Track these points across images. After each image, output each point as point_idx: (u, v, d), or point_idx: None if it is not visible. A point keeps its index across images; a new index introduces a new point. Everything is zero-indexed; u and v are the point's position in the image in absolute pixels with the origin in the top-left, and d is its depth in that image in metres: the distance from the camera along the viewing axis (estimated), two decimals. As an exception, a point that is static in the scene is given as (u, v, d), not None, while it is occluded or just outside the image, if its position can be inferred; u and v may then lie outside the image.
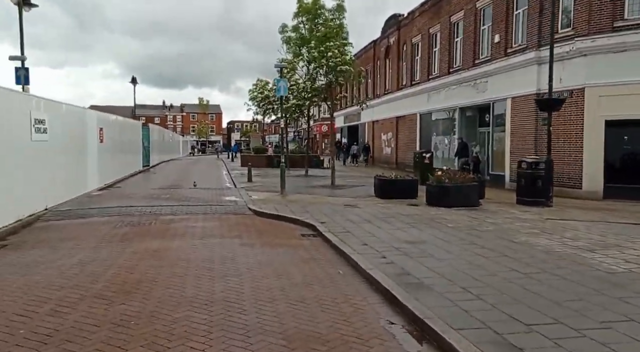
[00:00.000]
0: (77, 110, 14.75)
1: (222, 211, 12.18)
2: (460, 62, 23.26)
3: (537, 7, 17.23)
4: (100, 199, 14.23)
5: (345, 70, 16.18)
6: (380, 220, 10.39)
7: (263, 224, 10.50)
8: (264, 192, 15.91)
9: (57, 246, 8.22)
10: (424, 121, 27.85)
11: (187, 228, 9.92)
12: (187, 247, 8.20)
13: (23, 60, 13.42)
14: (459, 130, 23.37)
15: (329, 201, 13.74)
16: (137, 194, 15.45)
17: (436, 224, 9.86)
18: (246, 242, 8.61)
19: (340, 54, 16.27)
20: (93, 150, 16.32)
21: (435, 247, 7.70)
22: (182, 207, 12.65)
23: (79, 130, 14.83)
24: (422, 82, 27.30)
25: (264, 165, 31.10)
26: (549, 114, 12.42)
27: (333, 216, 10.91)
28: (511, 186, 18.68)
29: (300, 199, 14.01)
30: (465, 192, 12.28)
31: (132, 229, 9.81)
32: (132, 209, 12.08)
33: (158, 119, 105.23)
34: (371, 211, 11.62)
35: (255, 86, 37.41)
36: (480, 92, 21.15)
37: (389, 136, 34.02)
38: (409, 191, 14.05)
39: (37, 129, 11.18)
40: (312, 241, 8.83)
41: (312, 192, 15.84)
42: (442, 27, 24.89)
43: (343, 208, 12.21)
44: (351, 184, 18.44)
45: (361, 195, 15.08)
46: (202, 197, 14.80)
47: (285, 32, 22.76)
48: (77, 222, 10.61)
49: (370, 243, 8.09)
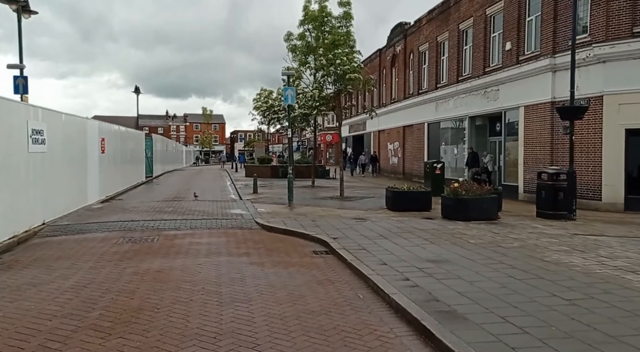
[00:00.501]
0: (78, 120, 14.25)
1: (228, 226, 11.60)
2: (469, 70, 22.76)
3: (552, 13, 16.73)
4: (101, 212, 13.68)
5: (354, 78, 15.66)
6: (396, 235, 9.79)
7: (272, 240, 9.91)
8: (270, 205, 15.33)
9: (52, 266, 7.65)
10: (431, 130, 27.30)
11: (192, 245, 9.34)
12: (192, 266, 7.61)
13: (22, 68, 12.95)
14: (469, 140, 22.79)
15: (339, 213, 13.15)
16: (140, 207, 14.90)
17: (457, 240, 9.25)
18: (255, 261, 8.02)
19: (348, 61, 15.77)
20: (94, 161, 15.80)
21: (461, 268, 7.09)
22: (186, 221, 12.07)
23: (80, 141, 14.32)
24: (429, 91, 26.80)
25: (268, 175, 30.55)
26: (571, 123, 11.85)
27: (345, 231, 10.32)
28: (525, 197, 18.09)
29: (309, 212, 13.42)
30: (483, 205, 11.68)
31: (134, 246, 9.23)
32: (133, 224, 11.51)
33: (161, 129, 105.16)
34: (385, 225, 11.02)
35: (259, 96, 37.12)
36: (491, 100, 20.61)
37: (396, 146, 33.48)
38: (422, 203, 13.46)
39: (35, 140, 10.66)
40: (325, 259, 8.23)
41: (321, 204, 15.25)
42: (450, 35, 24.43)
43: (355, 222, 11.62)
44: (360, 196, 17.84)
45: (372, 207, 14.49)
46: (206, 210, 14.23)
47: (290, 40, 22.32)
48: (75, 238, 10.05)
49: (389, 262, 7.48)
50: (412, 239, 9.35)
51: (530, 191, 17.82)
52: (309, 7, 21.64)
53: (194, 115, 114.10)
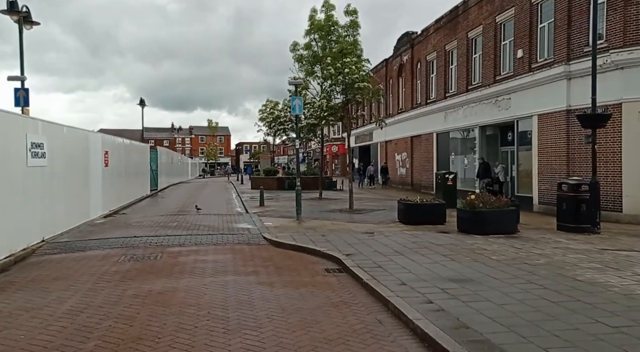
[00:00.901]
0: (80, 132, 13.87)
1: (234, 241, 11.11)
2: (479, 79, 22.30)
3: (565, 19, 16.28)
4: (103, 228, 13.22)
5: (363, 87, 15.23)
6: (412, 251, 9.26)
7: (281, 257, 9.39)
8: (278, 218, 14.83)
9: (48, 288, 7.17)
10: (441, 140, 26.79)
11: (197, 262, 8.84)
12: (197, 287, 7.11)
13: (22, 80, 12.61)
14: (480, 150, 22.26)
15: (350, 227, 12.63)
16: (143, 221, 14.44)
17: (478, 256, 8.70)
18: (264, 281, 7.51)
19: (357, 70, 15.35)
20: (97, 175, 15.40)
21: (487, 288, 6.54)
22: (191, 236, 11.59)
23: (82, 154, 13.93)
24: (438, 101, 26.34)
25: (275, 187, 30.10)
26: (593, 131, 11.31)
27: (358, 246, 9.80)
28: (540, 208, 17.50)
29: (319, 226, 12.91)
30: (502, 218, 11.13)
31: (135, 264, 8.75)
32: (136, 240, 11.04)
33: (167, 141, 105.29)
34: (400, 240, 10.48)
35: (265, 107, 36.81)
36: (502, 109, 20.11)
37: (404, 156, 32.97)
38: (436, 216, 12.92)
39: (34, 154, 10.26)
40: (339, 279, 7.71)
41: (330, 218, 14.73)
42: (459, 44, 24.03)
43: (367, 236, 11.09)
44: (370, 208, 17.32)
45: (384, 220, 13.95)
46: (212, 224, 13.75)
47: (296, 50, 21.98)
48: (75, 256, 9.57)
49: (409, 282, 6.95)
50: (430, 256, 8.81)
51: (546, 202, 17.25)
52: (314, 16, 21.34)
53: (199, 128, 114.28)
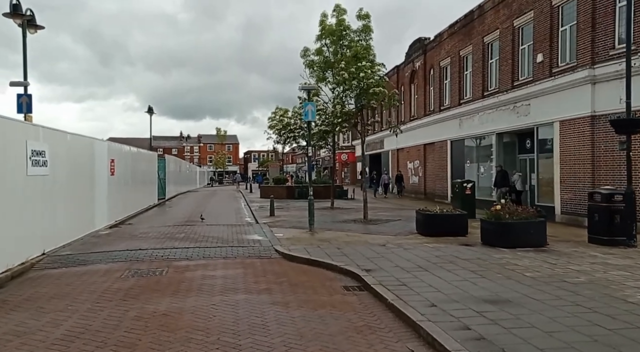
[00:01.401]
0: (84, 140, 13.37)
1: (244, 254, 10.47)
2: (496, 85, 21.62)
3: (589, 21, 15.60)
4: (108, 239, 12.65)
5: (378, 93, 14.62)
6: (437, 266, 8.57)
7: (295, 272, 8.75)
8: (289, 229, 14.19)
9: (44, 308, 6.58)
10: (455, 148, 26.07)
11: (205, 279, 8.22)
12: (205, 308, 6.48)
13: (25, 86, 12.13)
14: (497, 158, 21.53)
15: (366, 239, 11.96)
16: (149, 232, 13.86)
17: (510, 273, 8.00)
18: (278, 300, 6.86)
19: (372, 74, 14.76)
20: (102, 184, 14.88)
21: (529, 311, 5.85)
22: (198, 249, 10.97)
23: (87, 163, 13.42)
24: (452, 107, 25.67)
25: (284, 196, 29.50)
26: (628, 137, 10.59)
27: (378, 261, 9.13)
28: (563, 219, 16.72)
29: (333, 238, 12.25)
30: (530, 230, 10.41)
31: (139, 280, 8.14)
32: (141, 253, 10.44)
33: (176, 150, 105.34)
34: (421, 254, 9.80)
35: (274, 114, 36.26)
36: (521, 115, 19.39)
37: (416, 164, 32.26)
38: (457, 227, 12.22)
39: (35, 162, 9.73)
40: (360, 298, 7.04)
41: (344, 229, 14.07)
42: (474, 49, 23.39)
43: (385, 249, 10.41)
44: (385, 218, 16.61)
45: (401, 232, 13.27)
46: (221, 236, 13.13)
47: (307, 56, 21.44)
48: (76, 270, 8.99)
49: (439, 303, 6.28)
50: (457, 272, 8.12)
51: (569, 212, 16.48)
52: (325, 21, 20.81)
53: (207, 136, 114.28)
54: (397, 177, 32.36)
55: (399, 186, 31.91)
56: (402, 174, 32.60)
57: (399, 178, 32.23)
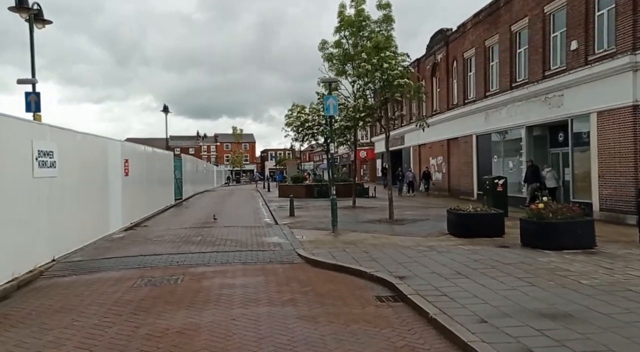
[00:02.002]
0: (96, 139, 12.80)
1: (265, 259, 9.76)
2: (525, 75, 20.55)
3: (630, 4, 14.47)
4: (122, 244, 12.06)
5: (403, 84, 13.77)
6: (478, 273, 7.74)
7: (321, 280, 8.00)
8: (311, 231, 13.45)
9: (47, 324, 5.95)
10: (481, 143, 25.03)
11: (223, 288, 7.53)
12: (224, 324, 5.78)
13: (33, 83, 11.62)
14: (527, 152, 20.48)
15: (394, 241, 11.14)
16: (165, 235, 13.25)
17: (563, 280, 7.12)
18: (305, 314, 6.12)
19: (396, 65, 13.90)
20: (116, 185, 14.34)
21: (600, 329, 5.00)
22: (216, 254, 10.29)
23: (99, 163, 12.87)
24: (478, 100, 24.62)
25: (303, 195, 28.80)
26: (686, 127, 9.58)
27: (411, 266, 8.33)
28: (602, 215, 15.65)
29: (359, 240, 11.48)
30: (576, 230, 9.49)
31: (153, 290, 7.48)
32: (155, 259, 9.80)
33: (192, 149, 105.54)
34: (458, 257, 8.96)
35: (291, 112, 35.62)
36: (553, 107, 18.33)
37: (439, 161, 31.26)
38: (493, 227, 11.33)
39: (42, 163, 9.16)
40: (396, 310, 6.26)
41: (369, 230, 13.27)
42: (501, 38, 22.31)
43: (417, 253, 9.60)
44: (412, 218, 15.75)
45: (431, 232, 12.42)
46: (239, 238, 12.45)
47: (325, 49, 20.65)
48: (86, 279, 8.39)
49: (489, 317, 5.46)
50: (502, 279, 7.28)
51: (609, 209, 15.43)
52: (344, 12, 20.00)
53: (224, 135, 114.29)
54: (424, 174, 31.10)
55: (426, 184, 30.70)
56: (429, 171, 31.37)
57: (426, 175, 30.99)
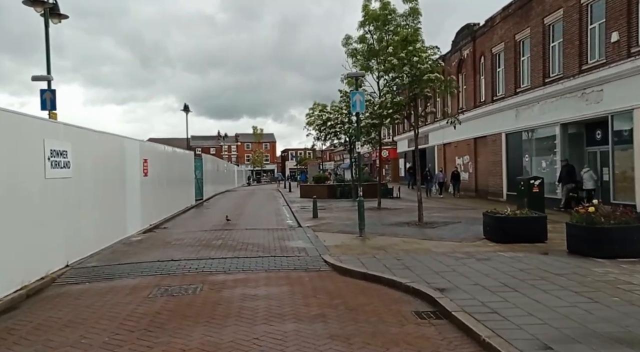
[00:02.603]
0: (113, 139, 12.33)
1: (290, 266, 9.09)
2: (559, 70, 19.49)
3: (679, -10, 13.45)
4: (139, 247, 11.53)
5: (433, 79, 12.97)
6: (527, 285, 6.95)
7: (351, 291, 7.30)
8: (336, 234, 12.76)
9: (53, 341, 5.39)
10: (511, 141, 24.00)
11: (245, 299, 6.89)
12: (246, 344, 5.13)
13: (49, 80, 11.19)
14: (562, 151, 19.43)
15: (427, 247, 10.37)
16: (184, 239, 12.70)
17: (629, 296, 6.28)
18: (337, 333, 5.43)
19: (426, 58, 13.11)
20: (134, 185, 13.87)
21: (693, 362, 4.20)
22: (237, 260, 9.66)
23: (116, 163, 12.40)
24: (507, 97, 23.59)
25: (325, 196, 28.11)
26: None
27: (450, 276, 7.57)
28: (647, 218, 14.62)
29: (388, 245, 10.74)
30: (633, 237, 8.59)
31: (169, 301, 6.89)
32: (173, 265, 9.22)
33: (213, 149, 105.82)
34: (501, 266, 8.17)
35: (312, 110, 35.03)
36: (591, 103, 17.27)
37: (465, 160, 30.25)
38: (535, 231, 10.48)
39: (55, 163, 8.68)
40: (439, 330, 5.53)
41: (398, 233, 12.52)
42: (532, 32, 21.27)
43: (455, 260, 8.83)
44: (443, 221, 14.92)
45: (466, 237, 11.61)
46: (261, 242, 11.82)
47: (349, 44, 19.99)
48: (100, 287, 7.85)
49: (552, 342, 4.69)
50: (557, 293, 6.47)
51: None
52: (368, 6, 19.30)
53: (245, 135, 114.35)
54: (454, 175, 29.69)
55: (455, 185, 29.26)
56: (459, 172, 29.88)
57: (455, 176, 29.56)
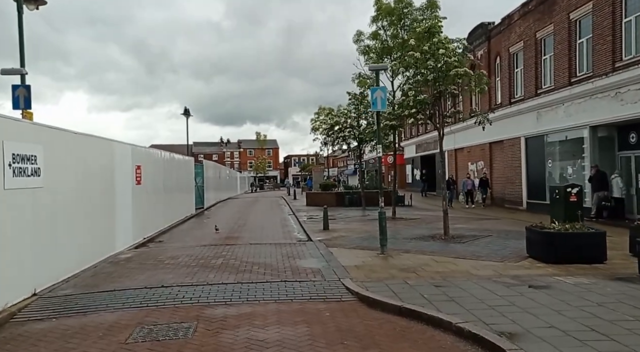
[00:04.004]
0: (100, 142, 10.78)
1: (304, 294, 7.50)
2: (588, 68, 17.98)
3: None
4: (127, 268, 9.92)
5: (463, 74, 11.45)
6: (621, 329, 5.38)
7: (387, 334, 5.70)
8: (354, 250, 11.17)
9: None
10: (532, 146, 22.43)
11: (251, 347, 5.31)
12: None
13: (22, 74, 9.69)
14: (591, 156, 17.88)
15: (465, 269, 8.77)
16: (179, 256, 11.09)
17: None
18: (382, 408, 3.86)
19: (453, 51, 11.59)
20: (125, 195, 12.34)
21: None
22: (240, 286, 8.05)
23: (103, 170, 10.87)
24: (527, 99, 22.06)
25: (333, 204, 26.54)
26: None
27: (512, 313, 5.98)
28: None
29: (418, 265, 9.15)
30: None
31: (153, 348, 5.32)
32: (163, 294, 7.60)
33: (216, 156, 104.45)
34: (569, 299, 6.57)
35: (318, 115, 33.64)
36: (627, 103, 15.74)
37: (479, 166, 28.69)
38: (592, 250, 8.89)
39: (19, 171, 7.15)
40: (524, 402, 3.95)
41: (425, 250, 10.92)
42: (556, 28, 19.77)
43: (507, 288, 7.24)
44: (471, 234, 13.30)
45: (506, 255, 10.01)
46: (268, 261, 10.22)
47: (361, 40, 18.52)
48: (67, 325, 6.27)
49: None
50: (664, 341, 4.90)
51: None
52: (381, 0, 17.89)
53: (247, 141, 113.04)
54: (482, 182, 25.93)
55: (484, 193, 25.62)
56: (487, 178, 26.15)
57: (483, 183, 25.83)
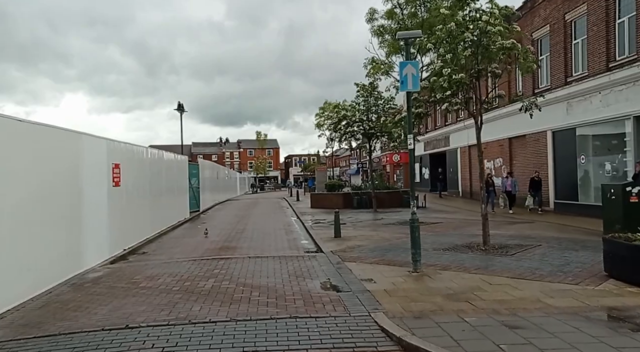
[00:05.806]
0: (59, 134, 8.61)
1: (323, 341, 5.30)
2: (631, 51, 15.87)
3: None
4: (89, 294, 7.72)
5: (511, 47, 9.33)
6: None
7: None
8: (377, 266, 9.05)
9: None
10: (561, 140, 20.28)
11: None
12: None
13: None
14: (635, 150, 15.76)
15: (534, 295, 6.63)
16: (161, 275, 8.94)
17: None
18: None
19: (497, 19, 9.43)
20: (98, 199, 10.23)
21: None
22: (235, 325, 5.88)
23: (66, 168, 8.76)
24: (554, 89, 19.92)
25: (340, 206, 24.38)
26: None
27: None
28: None
29: (466, 289, 7.02)
30: None
31: None
32: (127, 340, 5.43)
33: (215, 156, 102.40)
34: None
35: (322, 110, 31.78)
36: (682, 89, 13.64)
37: (497, 164, 26.56)
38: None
39: None
40: None
41: (465, 264, 8.78)
42: (590, 8, 17.66)
43: (610, 331, 5.13)
44: (513, 242, 11.11)
45: (575, 273, 7.87)
46: (271, 283, 8.06)
47: (374, 19, 16.41)
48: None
49: None
50: None
51: None
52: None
53: (247, 141, 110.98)
54: (533, 183, 20.48)
55: (536, 196, 20.38)
56: (540, 178, 20.55)
57: (535, 184, 20.40)
